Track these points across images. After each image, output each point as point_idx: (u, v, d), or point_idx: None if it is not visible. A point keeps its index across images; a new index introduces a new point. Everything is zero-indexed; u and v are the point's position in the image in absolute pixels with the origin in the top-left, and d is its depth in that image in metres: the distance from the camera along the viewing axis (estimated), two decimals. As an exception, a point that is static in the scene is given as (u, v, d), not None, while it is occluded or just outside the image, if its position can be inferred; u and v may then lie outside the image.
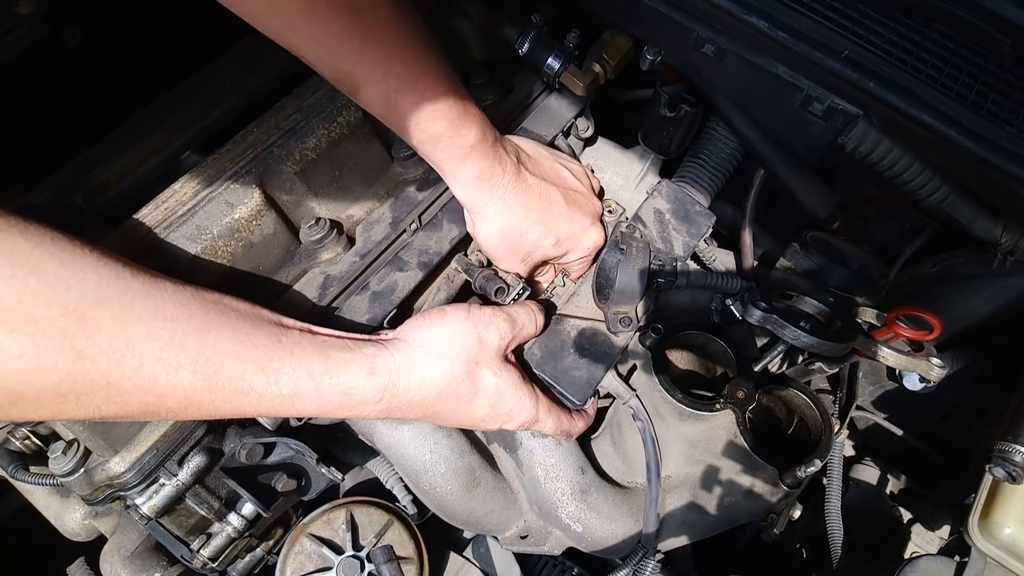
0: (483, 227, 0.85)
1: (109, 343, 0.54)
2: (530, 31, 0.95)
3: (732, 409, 0.94)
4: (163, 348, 0.57)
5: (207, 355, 0.59)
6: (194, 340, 0.59)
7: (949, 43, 0.73)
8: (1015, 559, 0.84)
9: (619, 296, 0.90)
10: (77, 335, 0.52)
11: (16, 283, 0.50)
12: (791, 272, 1.01)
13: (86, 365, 0.53)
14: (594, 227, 0.93)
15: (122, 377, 0.55)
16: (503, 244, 0.86)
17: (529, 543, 1.05)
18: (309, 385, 0.65)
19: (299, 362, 0.65)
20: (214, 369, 0.59)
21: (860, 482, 1.19)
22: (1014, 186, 0.69)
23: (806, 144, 0.85)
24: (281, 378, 0.63)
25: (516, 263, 0.89)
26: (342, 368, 0.68)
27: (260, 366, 0.62)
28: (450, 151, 0.78)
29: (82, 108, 1.17)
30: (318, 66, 0.73)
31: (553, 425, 0.85)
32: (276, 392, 0.63)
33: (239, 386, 0.61)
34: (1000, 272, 0.96)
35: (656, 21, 0.83)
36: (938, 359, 0.93)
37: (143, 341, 0.56)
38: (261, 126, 0.85)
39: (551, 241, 0.88)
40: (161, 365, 0.56)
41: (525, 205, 0.84)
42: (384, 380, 0.70)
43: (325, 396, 0.66)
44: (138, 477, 0.77)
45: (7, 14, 1.02)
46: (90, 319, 0.53)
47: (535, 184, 0.86)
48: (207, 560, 0.86)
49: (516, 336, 0.84)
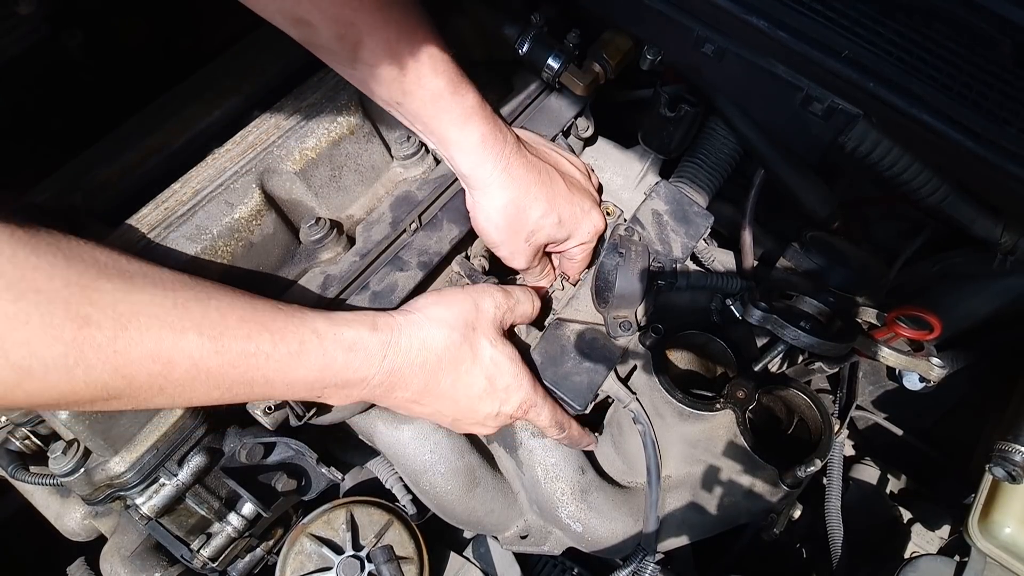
0: (486, 204, 0.84)
1: (114, 309, 0.54)
2: (530, 31, 0.95)
3: (732, 409, 0.94)
4: (167, 312, 0.57)
5: (211, 317, 0.60)
6: (196, 305, 0.59)
7: (949, 43, 0.73)
8: (1015, 559, 0.84)
9: (619, 300, 0.90)
10: (81, 302, 0.53)
11: (18, 260, 0.51)
12: (791, 272, 1.01)
13: (92, 331, 0.53)
14: (594, 210, 0.92)
15: (129, 343, 0.55)
16: (506, 222, 0.85)
17: (529, 543, 1.05)
18: (314, 341, 0.66)
19: (302, 321, 0.66)
20: (219, 330, 0.60)
21: (860, 482, 1.19)
22: (1014, 186, 0.69)
23: (806, 144, 0.85)
24: (287, 335, 0.64)
25: (519, 245, 0.87)
26: (345, 324, 0.69)
27: (264, 326, 0.63)
28: (452, 112, 0.78)
29: (82, 108, 1.17)
30: (321, 21, 0.71)
31: (549, 413, 0.85)
32: (284, 350, 0.63)
33: (246, 346, 0.61)
34: (1000, 272, 0.96)
35: (656, 21, 0.83)
36: (938, 359, 0.93)
37: (147, 306, 0.56)
38: (261, 126, 0.85)
39: (554, 220, 0.87)
40: (167, 328, 0.57)
41: (527, 180, 0.84)
42: (386, 336, 0.71)
43: (331, 352, 0.67)
44: (138, 477, 0.77)
45: (7, 14, 1.02)
46: (93, 288, 0.54)
47: (536, 161, 0.86)
48: (207, 560, 0.86)
49: (512, 309, 0.84)
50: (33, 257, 0.51)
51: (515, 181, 0.83)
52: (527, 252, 0.89)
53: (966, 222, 0.88)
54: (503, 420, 0.84)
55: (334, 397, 0.72)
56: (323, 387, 0.69)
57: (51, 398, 0.55)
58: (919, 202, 0.85)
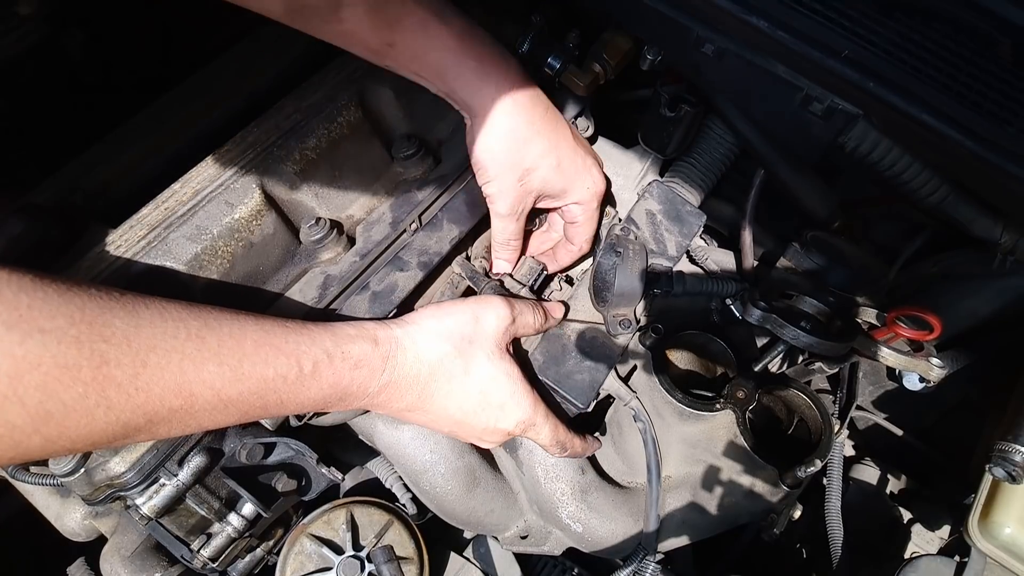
0: (486, 131, 0.79)
1: (129, 344, 0.51)
2: (530, 31, 0.95)
3: (732, 409, 0.94)
4: (183, 344, 0.55)
5: (228, 345, 0.58)
6: (210, 334, 0.57)
7: (949, 43, 0.73)
8: (1015, 559, 0.84)
9: (618, 299, 0.90)
10: (95, 339, 0.49)
11: (7, 299, 0.46)
12: (791, 272, 1.01)
13: (111, 369, 0.50)
14: (596, 168, 0.89)
15: (150, 379, 0.52)
16: (505, 153, 0.80)
17: (529, 543, 1.05)
18: (325, 361, 0.65)
19: (311, 341, 0.66)
20: (238, 358, 0.58)
21: (860, 482, 1.19)
22: (1014, 186, 0.69)
23: (806, 144, 0.85)
24: (301, 357, 0.63)
25: (510, 183, 0.83)
26: (350, 341, 0.69)
27: (279, 349, 0.62)
28: (444, 37, 0.76)
29: (82, 108, 1.17)
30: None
31: (550, 433, 0.83)
32: (298, 372, 0.63)
33: (264, 372, 0.60)
34: (1000, 272, 0.96)
35: (656, 21, 0.83)
36: (938, 359, 0.92)
37: (162, 339, 0.54)
38: (261, 126, 0.85)
39: (552, 162, 0.83)
40: (188, 360, 0.55)
41: (533, 112, 0.81)
42: (386, 350, 0.71)
43: (340, 370, 0.67)
44: (138, 477, 0.77)
45: (7, 14, 1.02)
46: (102, 324, 0.50)
47: (543, 96, 0.83)
48: (207, 560, 0.86)
49: (516, 323, 0.82)
50: (24, 296, 0.46)
51: (520, 109, 0.79)
52: (515, 194, 0.84)
53: (966, 222, 0.88)
54: (501, 436, 0.82)
55: (333, 408, 0.71)
56: (327, 403, 0.69)
57: (69, 442, 0.51)
58: (919, 202, 0.85)
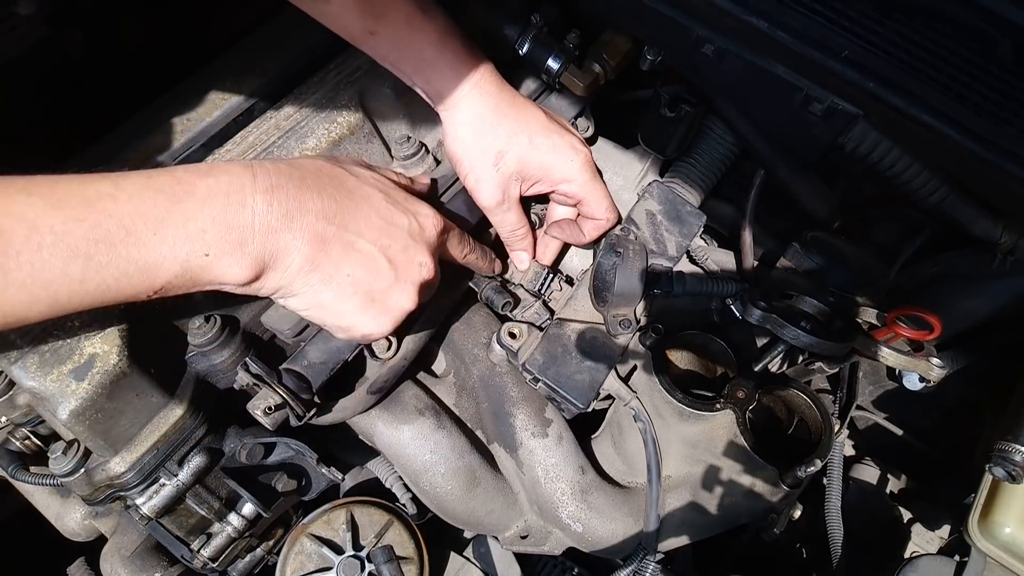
0: (454, 124, 0.83)
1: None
2: (530, 31, 0.95)
3: (732, 409, 0.94)
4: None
5: (38, 181, 0.54)
6: (22, 179, 0.53)
7: (949, 43, 0.73)
8: (1015, 559, 0.84)
9: (618, 299, 0.90)
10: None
11: None
12: (791, 272, 1.01)
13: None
14: (574, 139, 0.89)
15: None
16: (473, 138, 0.83)
17: (529, 543, 1.05)
18: (163, 173, 0.59)
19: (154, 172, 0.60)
20: (49, 186, 0.54)
21: (860, 482, 1.19)
22: (1014, 186, 0.69)
23: (806, 144, 0.85)
24: (129, 174, 0.58)
25: (487, 170, 0.84)
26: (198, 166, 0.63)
27: (102, 175, 0.57)
28: (428, 31, 0.78)
29: (82, 108, 1.17)
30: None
31: (458, 237, 0.80)
32: (130, 185, 0.57)
33: (83, 190, 0.55)
34: (1000, 272, 0.96)
35: (656, 21, 0.83)
36: (938, 359, 0.92)
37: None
38: (261, 126, 0.85)
39: (524, 140, 0.84)
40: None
41: (500, 98, 0.84)
42: (249, 164, 0.64)
43: (188, 180, 0.59)
44: (138, 477, 0.77)
45: (7, 14, 1.02)
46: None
47: (510, 88, 0.86)
48: (207, 560, 0.86)
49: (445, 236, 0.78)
50: None
51: (486, 97, 0.83)
52: (495, 180, 0.85)
53: (966, 222, 0.88)
54: (427, 248, 0.73)
55: (227, 261, 0.59)
56: (204, 236, 0.58)
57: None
58: (919, 202, 0.85)
